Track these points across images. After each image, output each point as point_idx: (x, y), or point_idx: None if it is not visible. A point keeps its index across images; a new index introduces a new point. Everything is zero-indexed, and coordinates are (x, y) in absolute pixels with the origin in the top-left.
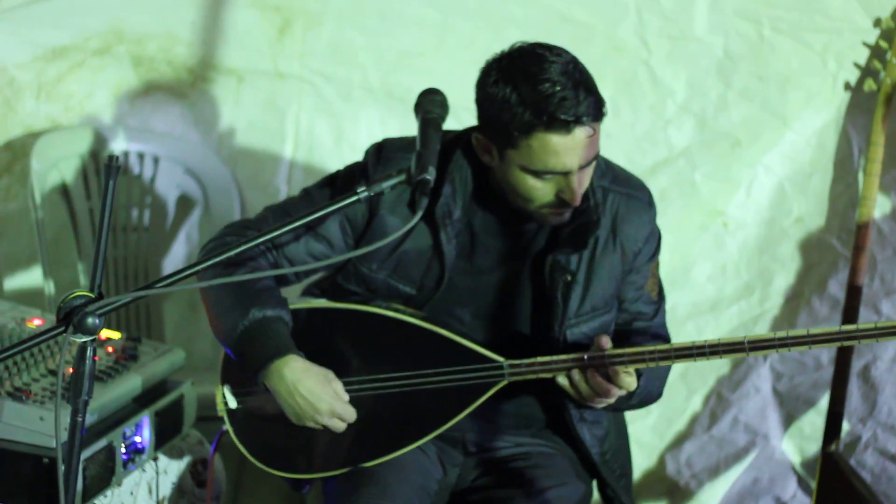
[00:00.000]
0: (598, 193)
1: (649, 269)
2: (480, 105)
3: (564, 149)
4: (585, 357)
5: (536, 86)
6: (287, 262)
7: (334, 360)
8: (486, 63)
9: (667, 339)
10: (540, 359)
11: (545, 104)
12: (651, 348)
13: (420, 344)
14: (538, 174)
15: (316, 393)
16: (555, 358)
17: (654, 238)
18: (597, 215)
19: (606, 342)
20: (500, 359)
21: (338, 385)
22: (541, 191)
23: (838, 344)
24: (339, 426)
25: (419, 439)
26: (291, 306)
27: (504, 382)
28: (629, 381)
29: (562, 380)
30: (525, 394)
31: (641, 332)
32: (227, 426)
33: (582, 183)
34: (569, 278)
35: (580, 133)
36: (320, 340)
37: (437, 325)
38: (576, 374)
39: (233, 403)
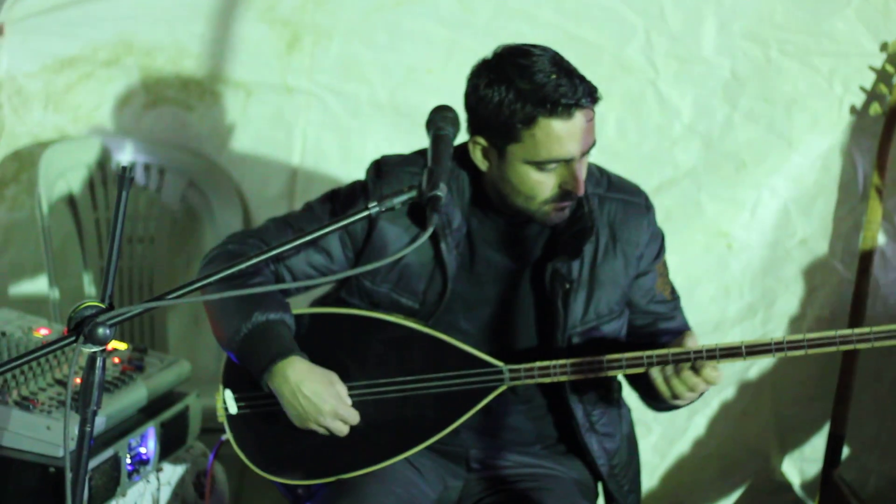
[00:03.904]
0: (594, 201)
1: (656, 269)
2: (475, 110)
3: (567, 134)
4: (586, 361)
5: (532, 77)
6: (287, 273)
7: (336, 364)
8: (473, 70)
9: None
10: (539, 363)
11: (545, 92)
12: (649, 353)
13: (420, 349)
14: (542, 165)
15: (319, 394)
16: (554, 363)
17: (657, 240)
18: (591, 222)
19: (693, 341)
20: (500, 363)
21: (341, 387)
22: (544, 185)
23: (834, 349)
24: (342, 428)
25: (417, 446)
26: (294, 312)
27: (503, 387)
28: (714, 375)
29: (655, 373)
30: (531, 409)
31: (666, 332)
32: (228, 433)
33: (582, 173)
34: (567, 286)
35: (580, 117)
36: (323, 345)
37: (438, 331)
38: (669, 369)
39: (233, 408)
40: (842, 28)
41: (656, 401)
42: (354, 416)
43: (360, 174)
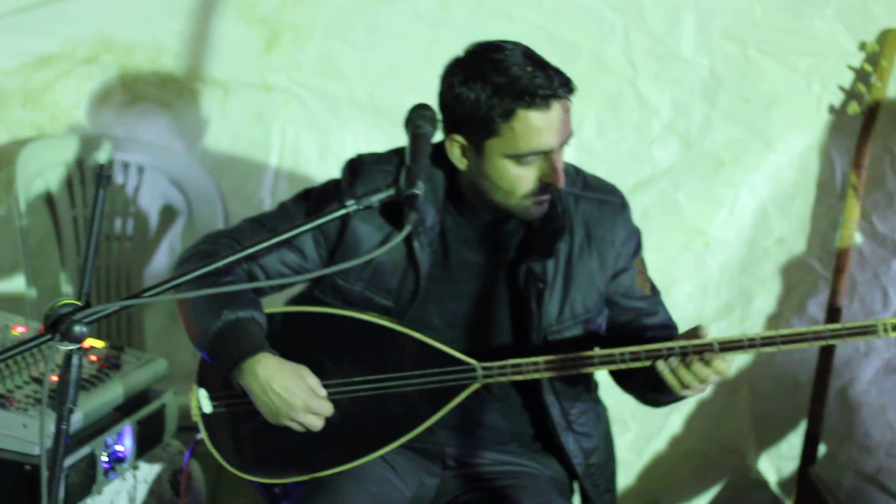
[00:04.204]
0: (569, 200)
1: (634, 266)
2: (451, 108)
3: (546, 125)
4: (559, 358)
5: (507, 71)
6: (261, 272)
7: (310, 363)
8: (446, 69)
9: (676, 330)
10: (511, 361)
11: (521, 84)
12: (622, 350)
13: (394, 347)
14: (521, 158)
15: (290, 389)
16: (527, 360)
17: (633, 237)
18: (565, 222)
19: (705, 331)
20: (473, 361)
21: (312, 380)
22: (523, 178)
23: (807, 345)
24: (315, 423)
25: (391, 443)
26: (267, 311)
27: (477, 385)
28: (724, 366)
29: (661, 366)
30: (507, 407)
31: (650, 328)
32: (202, 433)
33: (561, 164)
34: (541, 286)
35: (558, 107)
36: (296, 344)
37: (412, 329)
38: (674, 361)
39: (207, 407)
40: (820, 27)
41: (660, 393)
42: (327, 408)
43: (338, 171)
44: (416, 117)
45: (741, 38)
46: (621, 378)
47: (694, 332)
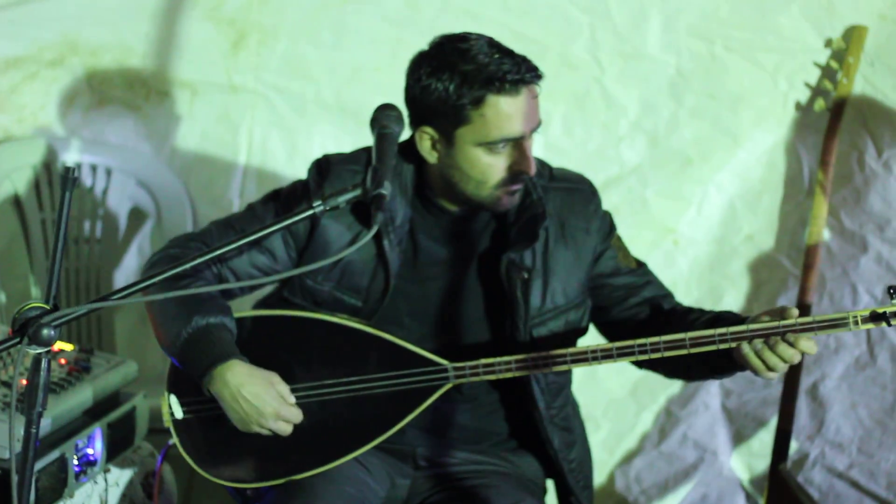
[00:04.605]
0: (539, 190)
1: (612, 245)
2: (419, 101)
3: (516, 111)
4: (531, 357)
5: (474, 58)
6: (231, 274)
7: (280, 367)
8: (412, 63)
9: (673, 297)
10: (483, 361)
11: (490, 71)
12: (594, 347)
13: (365, 349)
14: (493, 146)
15: (260, 396)
16: (499, 360)
17: (605, 222)
18: (542, 207)
19: (796, 312)
20: (444, 362)
21: (282, 387)
22: (494, 168)
23: (778, 338)
24: (285, 429)
25: (364, 446)
26: (237, 315)
27: (449, 385)
28: (809, 345)
29: (746, 349)
30: (477, 407)
31: (649, 300)
32: (174, 438)
33: (531, 151)
34: (526, 275)
35: (526, 93)
36: (266, 348)
37: (382, 331)
38: (758, 343)
39: (179, 413)
40: (786, 24)
41: (719, 373)
42: (297, 415)
43: (306, 172)
44: (382, 117)
45: (707, 36)
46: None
47: (781, 312)
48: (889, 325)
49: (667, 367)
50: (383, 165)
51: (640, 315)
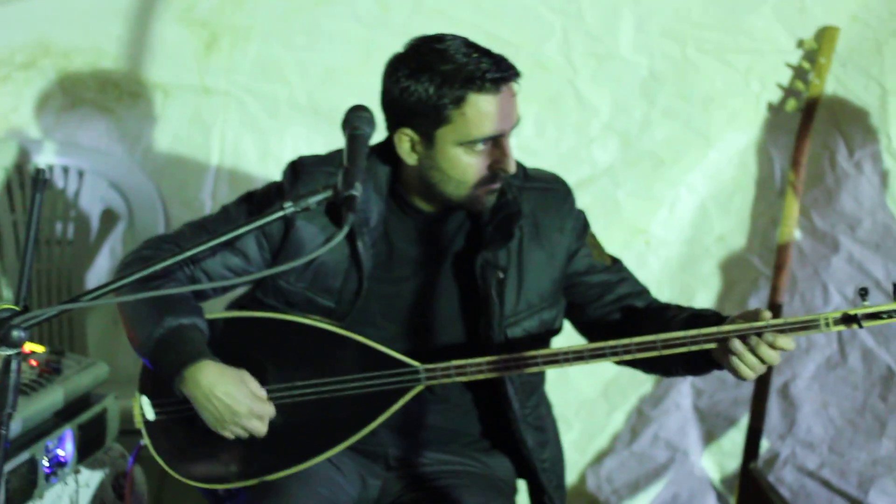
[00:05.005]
0: (514, 190)
1: (587, 242)
2: (398, 103)
3: (496, 109)
4: (502, 359)
5: (452, 58)
6: (204, 276)
7: (252, 368)
8: (388, 66)
9: (649, 293)
10: (455, 362)
11: (469, 70)
12: (565, 349)
13: (336, 351)
14: (473, 145)
15: (232, 395)
16: (470, 361)
17: (579, 221)
18: (517, 207)
19: (767, 314)
20: (416, 363)
21: (254, 384)
22: (475, 166)
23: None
24: (260, 427)
25: (335, 447)
26: (208, 316)
27: (420, 387)
28: (787, 341)
29: (729, 349)
30: (451, 408)
31: (625, 296)
32: (146, 439)
33: (511, 150)
34: (501, 275)
35: (506, 91)
36: (238, 349)
37: (354, 332)
38: (739, 345)
39: (150, 415)
40: (758, 25)
41: (696, 372)
42: (270, 410)
43: (278, 174)
44: (354, 119)
45: (679, 37)
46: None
47: (754, 315)
48: (860, 326)
49: (645, 365)
50: (354, 166)
51: (615, 312)
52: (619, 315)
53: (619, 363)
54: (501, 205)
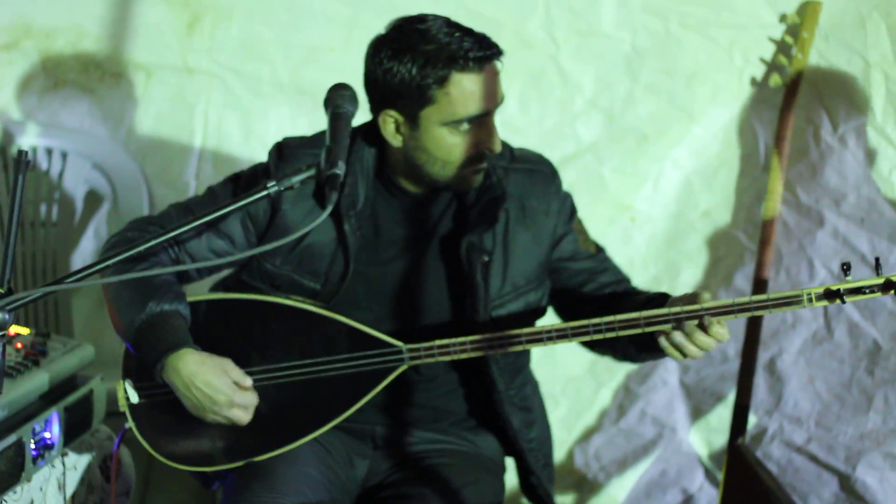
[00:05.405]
0: (500, 172)
1: (573, 228)
2: (381, 84)
3: (480, 88)
4: (486, 338)
5: (435, 38)
6: (189, 258)
7: (235, 351)
8: (370, 48)
9: (629, 282)
10: (438, 342)
11: (452, 49)
12: (548, 327)
13: (319, 332)
14: (458, 125)
15: (213, 385)
16: (454, 341)
17: (566, 204)
18: (502, 189)
19: (707, 296)
20: (399, 343)
21: (236, 373)
22: (460, 147)
23: (732, 316)
24: (241, 416)
25: (321, 428)
26: (192, 299)
27: (404, 367)
28: (722, 332)
29: (664, 342)
30: (437, 387)
31: (605, 285)
32: (130, 423)
33: (495, 129)
34: (486, 258)
35: (489, 70)
36: (221, 332)
37: (337, 313)
38: (677, 335)
39: (134, 398)
40: (741, 0)
41: (650, 353)
42: (253, 399)
43: (262, 154)
44: (336, 97)
45: (662, 13)
46: (595, 343)
47: (692, 298)
48: (843, 302)
49: (602, 348)
50: (337, 145)
51: (594, 300)
52: (598, 303)
53: (592, 349)
54: (486, 187)
